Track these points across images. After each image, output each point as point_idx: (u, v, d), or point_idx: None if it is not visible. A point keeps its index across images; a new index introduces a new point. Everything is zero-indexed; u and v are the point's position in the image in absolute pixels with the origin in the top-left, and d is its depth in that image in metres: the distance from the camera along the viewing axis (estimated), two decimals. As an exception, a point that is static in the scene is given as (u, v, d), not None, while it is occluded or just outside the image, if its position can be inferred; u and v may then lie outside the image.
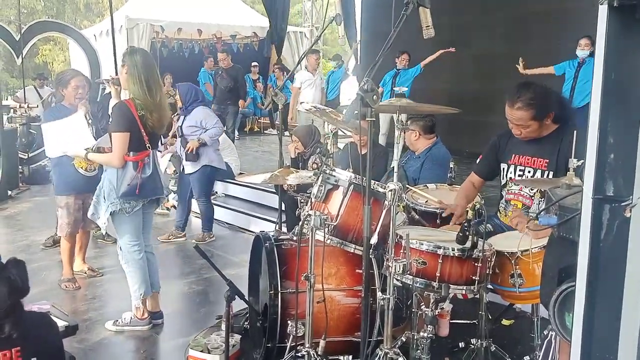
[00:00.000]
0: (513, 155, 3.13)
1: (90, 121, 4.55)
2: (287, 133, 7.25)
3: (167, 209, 7.15)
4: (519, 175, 3.09)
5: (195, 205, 6.20)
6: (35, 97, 11.36)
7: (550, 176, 2.94)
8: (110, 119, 3.67)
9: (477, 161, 3.41)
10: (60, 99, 4.63)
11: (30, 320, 1.76)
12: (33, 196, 8.49)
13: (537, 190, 3.04)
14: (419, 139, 4.26)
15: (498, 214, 3.27)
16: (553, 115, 2.97)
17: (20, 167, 9.04)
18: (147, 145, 3.64)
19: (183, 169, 5.91)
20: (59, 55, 26.49)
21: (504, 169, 3.18)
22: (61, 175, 4.55)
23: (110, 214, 3.64)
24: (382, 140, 8.06)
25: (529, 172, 3.06)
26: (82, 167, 4.52)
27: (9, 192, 8.25)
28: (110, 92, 4.20)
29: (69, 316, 2.76)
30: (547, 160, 2.98)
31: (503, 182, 3.20)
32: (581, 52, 6.64)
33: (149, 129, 3.62)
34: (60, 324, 2.28)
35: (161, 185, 3.84)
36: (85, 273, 4.89)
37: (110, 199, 3.61)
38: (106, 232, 5.64)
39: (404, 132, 4.19)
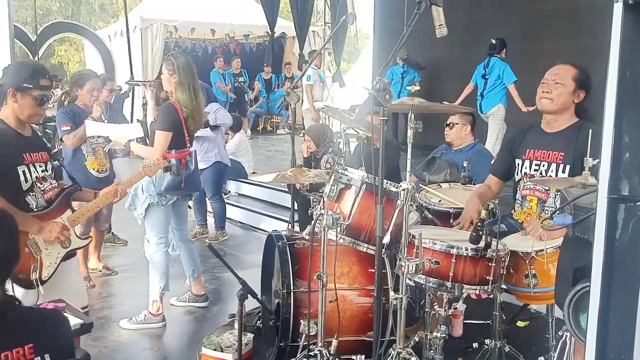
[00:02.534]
0: (527, 150, 3.08)
1: (106, 122, 4.60)
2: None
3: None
4: (535, 170, 3.04)
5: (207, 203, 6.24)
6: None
7: (567, 169, 2.90)
8: (157, 117, 3.86)
9: (492, 162, 3.38)
10: (74, 99, 4.63)
11: (41, 317, 1.77)
12: (49, 195, 8.56)
13: None
14: (468, 133, 4.26)
15: (513, 212, 3.23)
16: (584, 95, 2.93)
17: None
18: (187, 145, 3.86)
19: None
20: (75, 56, 26.74)
21: (518, 164, 3.13)
22: (73, 175, 4.60)
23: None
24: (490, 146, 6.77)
25: (544, 166, 3.00)
26: (93, 169, 4.60)
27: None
28: (124, 93, 4.25)
29: (83, 314, 2.78)
30: (563, 153, 2.93)
31: (517, 178, 3.15)
32: None
33: (190, 131, 3.86)
34: (76, 321, 2.30)
35: (199, 181, 4.12)
36: (100, 271, 4.94)
37: (148, 191, 3.78)
38: (114, 235, 5.71)
39: (450, 128, 4.22)
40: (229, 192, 7.41)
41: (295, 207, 4.44)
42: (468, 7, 8.53)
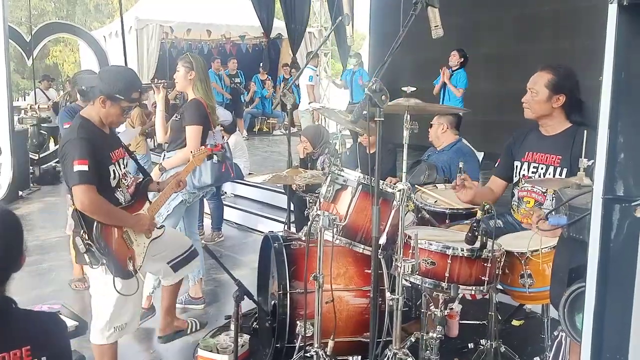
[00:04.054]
0: (526, 153, 3.10)
1: None
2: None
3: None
4: (533, 172, 3.06)
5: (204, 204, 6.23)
6: (44, 99, 11.47)
7: (564, 173, 2.91)
8: (184, 113, 3.86)
9: (496, 164, 3.38)
10: (75, 99, 4.75)
11: (39, 320, 1.77)
12: (43, 196, 8.55)
13: None
14: (445, 132, 4.25)
15: (511, 211, 3.23)
16: (564, 99, 2.93)
17: (30, 167, 9.12)
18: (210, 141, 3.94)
19: None
20: (70, 57, 26.68)
21: (517, 166, 3.14)
22: None
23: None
24: None
25: (542, 168, 3.02)
26: None
27: (20, 193, 8.32)
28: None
29: (79, 316, 2.77)
30: (560, 157, 2.95)
31: (515, 179, 3.16)
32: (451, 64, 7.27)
33: (214, 127, 3.95)
34: (71, 323, 2.30)
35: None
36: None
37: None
38: None
39: (430, 128, 4.21)
40: (225, 193, 7.40)
41: (292, 208, 4.44)
42: (464, 9, 8.55)
